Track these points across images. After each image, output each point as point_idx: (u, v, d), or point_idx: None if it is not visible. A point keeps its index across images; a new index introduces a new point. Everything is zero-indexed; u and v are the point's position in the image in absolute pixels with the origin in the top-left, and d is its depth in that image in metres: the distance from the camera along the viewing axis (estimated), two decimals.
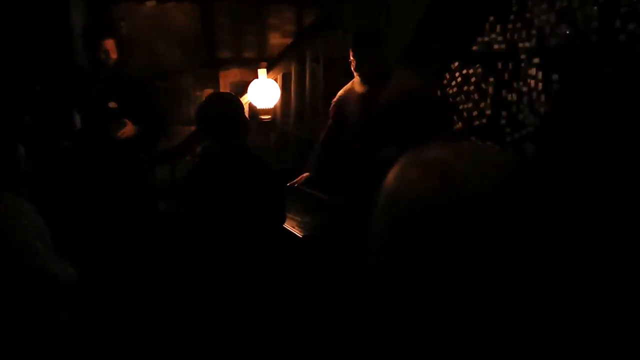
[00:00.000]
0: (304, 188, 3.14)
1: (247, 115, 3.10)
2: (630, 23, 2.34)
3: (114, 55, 3.25)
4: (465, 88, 3.38)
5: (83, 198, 3.15)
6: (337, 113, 3.04)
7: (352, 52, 2.80)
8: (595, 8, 2.47)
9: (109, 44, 3.22)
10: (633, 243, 2.06)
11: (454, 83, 3.40)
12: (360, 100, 2.82)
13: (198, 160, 2.52)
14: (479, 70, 3.18)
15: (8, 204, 2.06)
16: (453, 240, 0.56)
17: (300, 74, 4.11)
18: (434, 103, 2.89)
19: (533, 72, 2.80)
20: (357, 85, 2.88)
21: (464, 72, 3.38)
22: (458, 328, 0.58)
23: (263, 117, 3.73)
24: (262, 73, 3.70)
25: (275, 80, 3.88)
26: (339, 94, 3.06)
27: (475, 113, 3.21)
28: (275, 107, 3.89)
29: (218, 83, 4.68)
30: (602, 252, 1.97)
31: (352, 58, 2.80)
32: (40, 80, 3.33)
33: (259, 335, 2.35)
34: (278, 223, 2.55)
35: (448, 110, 3.29)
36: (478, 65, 3.17)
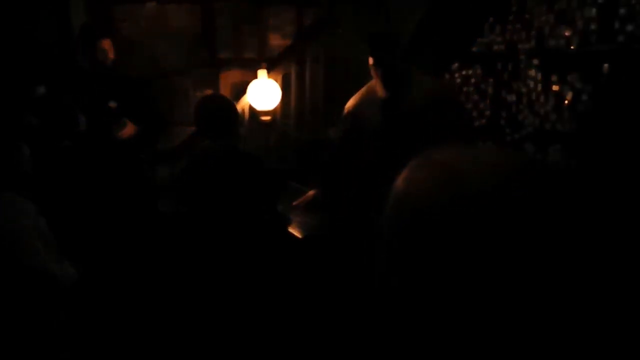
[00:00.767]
0: (302, 187, 3.13)
1: (243, 116, 3.12)
2: None
3: (112, 56, 3.24)
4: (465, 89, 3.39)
5: (83, 198, 3.15)
6: (353, 122, 2.76)
7: (372, 55, 2.59)
8: None
9: (107, 44, 3.21)
10: None
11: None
12: (382, 106, 2.64)
13: (188, 158, 2.62)
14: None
15: (9, 204, 2.06)
16: (460, 242, 0.56)
17: (301, 75, 4.11)
18: (458, 106, 2.89)
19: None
20: (378, 90, 2.66)
21: (464, 72, 3.40)
22: (463, 328, 0.58)
23: (263, 117, 3.74)
24: (262, 74, 3.70)
25: (276, 81, 3.88)
26: (354, 102, 2.78)
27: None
28: (276, 107, 3.88)
29: (218, 84, 4.68)
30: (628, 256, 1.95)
31: (372, 62, 2.59)
32: (45, 82, 3.33)
33: (259, 335, 2.35)
34: (279, 224, 2.55)
35: (468, 113, 3.24)
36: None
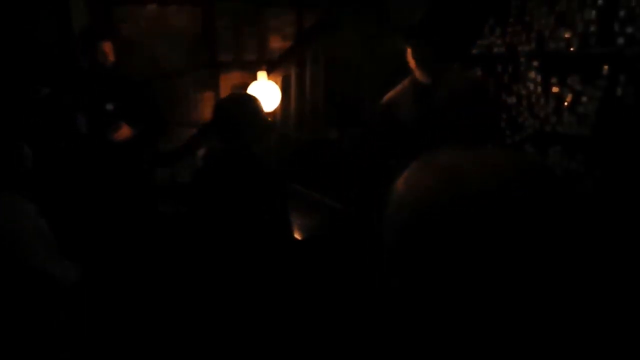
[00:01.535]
0: (302, 189, 3.13)
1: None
2: None
3: (112, 58, 3.22)
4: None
5: (84, 198, 3.15)
6: (384, 114, 2.77)
7: (410, 49, 2.61)
8: None
9: (107, 47, 3.20)
10: None
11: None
12: (418, 99, 2.66)
13: (203, 162, 2.52)
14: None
15: (9, 204, 2.06)
16: (460, 243, 0.56)
17: (300, 76, 4.11)
18: (491, 100, 2.90)
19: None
20: (416, 83, 2.69)
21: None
22: (463, 328, 0.58)
23: None
24: (262, 75, 3.70)
25: (276, 83, 3.88)
26: (389, 95, 2.80)
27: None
28: (276, 109, 3.89)
29: (219, 85, 4.68)
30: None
31: (410, 56, 2.61)
32: (45, 82, 3.33)
33: (259, 335, 2.34)
34: (280, 225, 2.55)
35: (498, 108, 3.24)
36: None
